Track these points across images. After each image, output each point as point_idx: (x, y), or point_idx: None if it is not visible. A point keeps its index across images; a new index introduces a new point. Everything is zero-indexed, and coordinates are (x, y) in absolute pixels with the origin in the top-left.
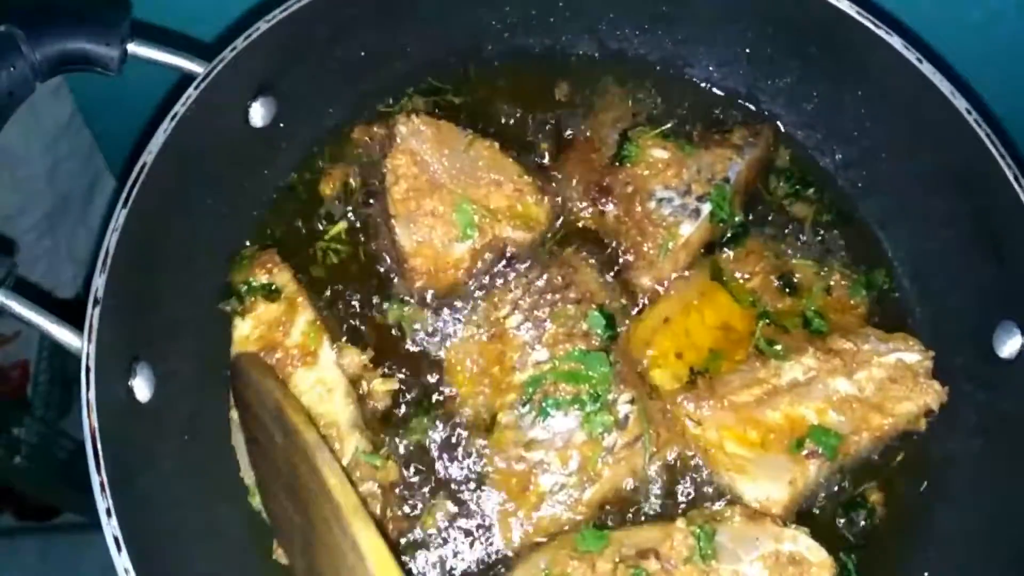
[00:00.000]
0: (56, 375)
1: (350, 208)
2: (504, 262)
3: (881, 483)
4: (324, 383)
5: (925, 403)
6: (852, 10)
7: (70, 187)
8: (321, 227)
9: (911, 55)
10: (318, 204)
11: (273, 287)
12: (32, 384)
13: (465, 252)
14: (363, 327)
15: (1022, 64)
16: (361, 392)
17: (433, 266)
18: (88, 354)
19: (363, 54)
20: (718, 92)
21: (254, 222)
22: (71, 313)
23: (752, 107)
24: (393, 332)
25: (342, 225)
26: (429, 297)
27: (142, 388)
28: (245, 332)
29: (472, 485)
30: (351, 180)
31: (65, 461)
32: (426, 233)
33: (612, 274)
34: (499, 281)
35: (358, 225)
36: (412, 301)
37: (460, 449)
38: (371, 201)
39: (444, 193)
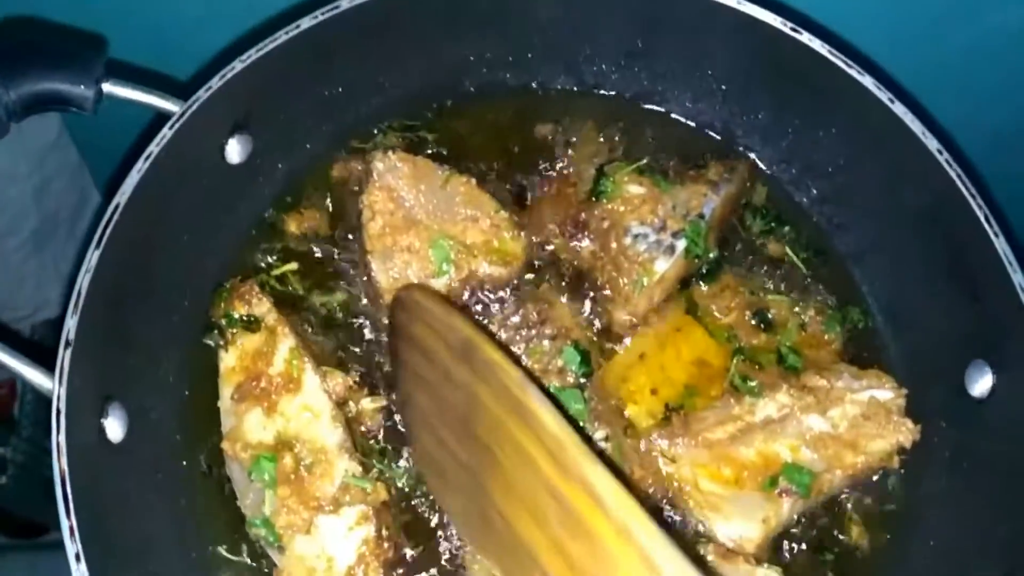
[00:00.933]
0: (43, 395)
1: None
2: (480, 299)
3: (855, 520)
4: (310, 408)
5: (898, 441)
6: (824, 50)
7: (58, 205)
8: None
9: (883, 95)
10: (295, 239)
11: (253, 318)
12: (19, 403)
13: (441, 288)
14: (352, 349)
15: (994, 103)
16: (350, 414)
17: None
18: (59, 396)
19: (340, 90)
20: (694, 127)
21: (231, 258)
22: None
23: (728, 142)
24: (377, 358)
25: (292, 265)
26: None
27: (115, 428)
28: (231, 364)
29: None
30: (319, 219)
31: (51, 480)
32: (402, 269)
33: (588, 310)
34: (475, 318)
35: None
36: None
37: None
38: (349, 236)
39: (420, 229)
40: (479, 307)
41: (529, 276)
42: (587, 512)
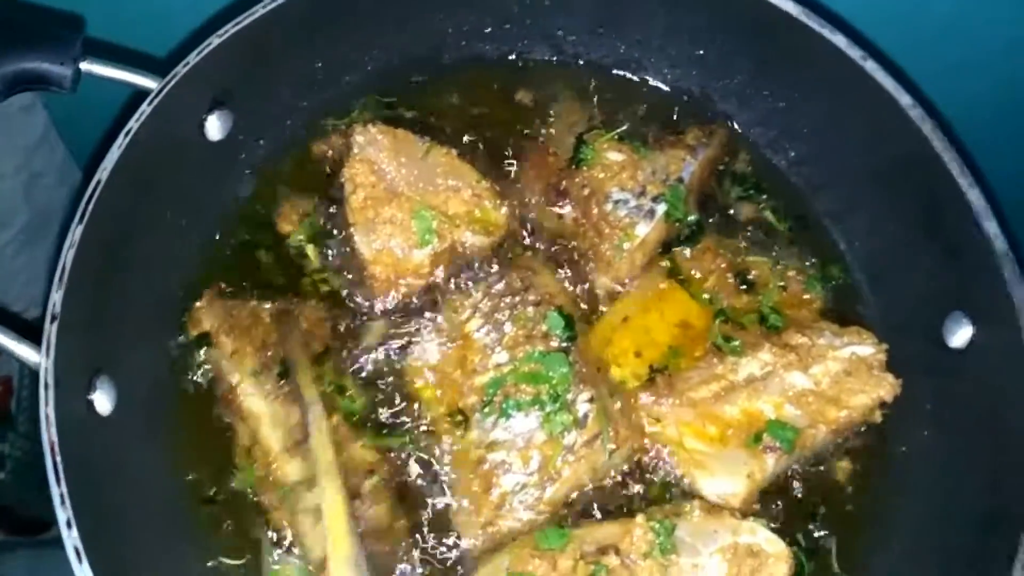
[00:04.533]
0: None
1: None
2: (464, 268)
3: (840, 474)
4: (252, 413)
5: (879, 395)
6: (796, 10)
7: (47, 201)
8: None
9: (855, 53)
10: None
11: (206, 335)
12: (15, 399)
13: (425, 258)
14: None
15: (965, 58)
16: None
17: (393, 273)
18: (47, 369)
19: (319, 65)
20: (672, 93)
21: (213, 234)
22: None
23: (706, 107)
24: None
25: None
26: (389, 305)
27: (103, 401)
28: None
29: (435, 488)
30: (311, 214)
31: None
32: (385, 240)
33: (571, 275)
34: (459, 286)
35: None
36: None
37: (423, 453)
38: (332, 209)
39: (402, 200)
40: (464, 275)
41: (512, 244)
42: None
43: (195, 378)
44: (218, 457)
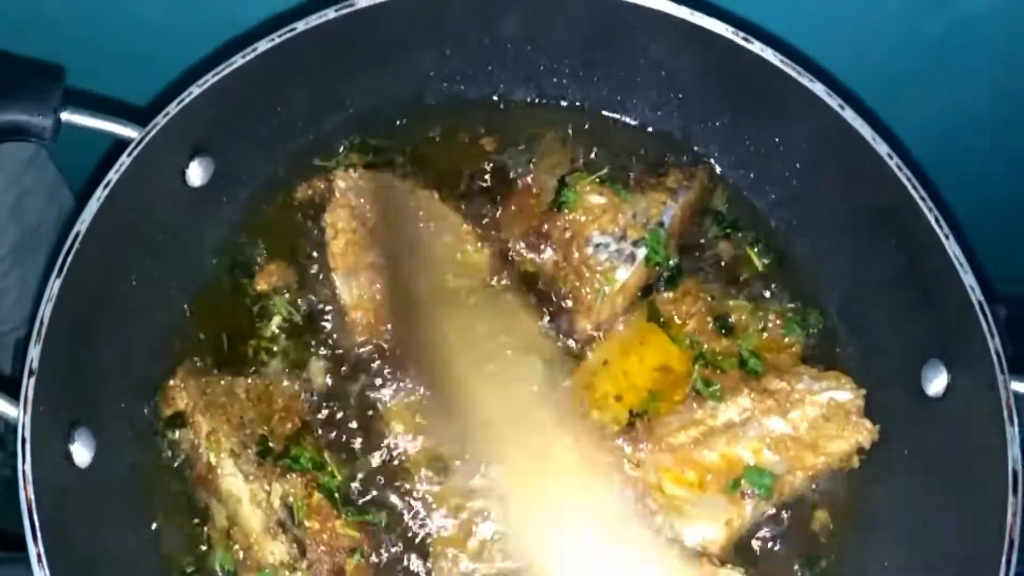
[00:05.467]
0: None
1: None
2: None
3: (819, 520)
4: (231, 494)
5: (857, 441)
6: (776, 59)
7: (37, 220)
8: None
9: (833, 101)
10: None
11: (180, 415)
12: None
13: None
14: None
15: (941, 109)
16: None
17: (373, 318)
18: (24, 425)
19: (300, 110)
20: (654, 135)
21: (195, 281)
22: None
23: (687, 150)
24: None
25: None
26: (366, 352)
27: (81, 452)
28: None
29: (414, 536)
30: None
31: None
32: (366, 286)
33: (551, 319)
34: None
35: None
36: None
37: (403, 502)
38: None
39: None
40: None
41: (493, 287)
42: None
43: (170, 455)
44: (197, 530)
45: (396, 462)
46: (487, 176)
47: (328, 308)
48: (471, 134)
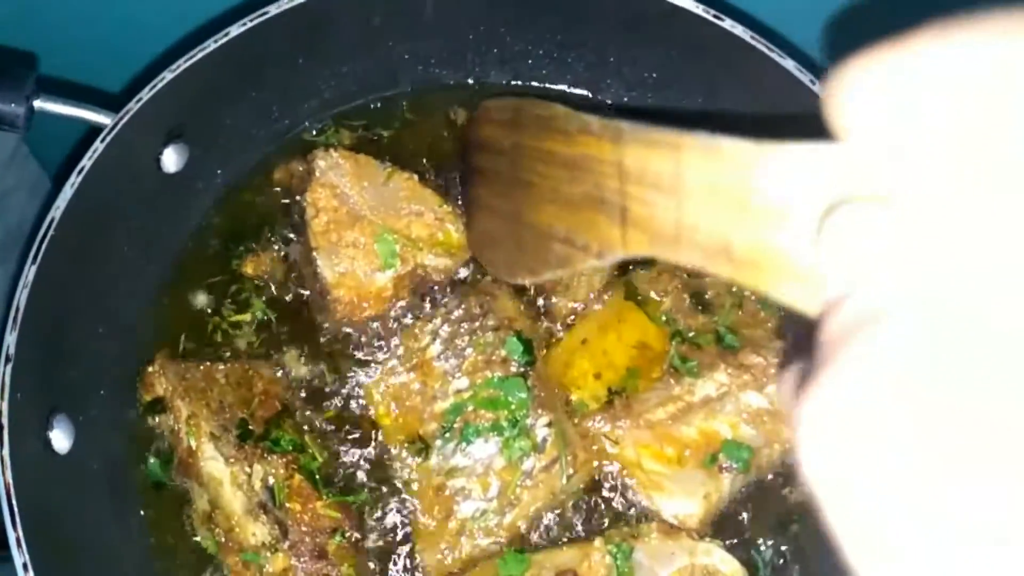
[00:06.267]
0: None
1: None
2: (422, 294)
3: (797, 492)
4: (212, 477)
5: None
6: (747, 35)
7: (20, 218)
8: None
9: (804, 77)
10: (237, 241)
11: (159, 401)
12: None
13: (388, 281)
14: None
15: None
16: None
17: (356, 296)
18: (1, 412)
19: (274, 95)
20: (629, 115)
21: (173, 266)
22: None
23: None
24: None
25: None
26: (344, 333)
27: (60, 439)
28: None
29: (395, 516)
30: (276, 260)
31: None
32: (348, 264)
33: (530, 299)
34: (417, 313)
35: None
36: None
37: (383, 482)
38: (291, 235)
39: (365, 224)
40: (424, 302)
41: (472, 268)
42: (584, 147)
43: (150, 440)
44: (178, 514)
45: (376, 443)
46: (464, 158)
47: (306, 293)
48: (448, 116)
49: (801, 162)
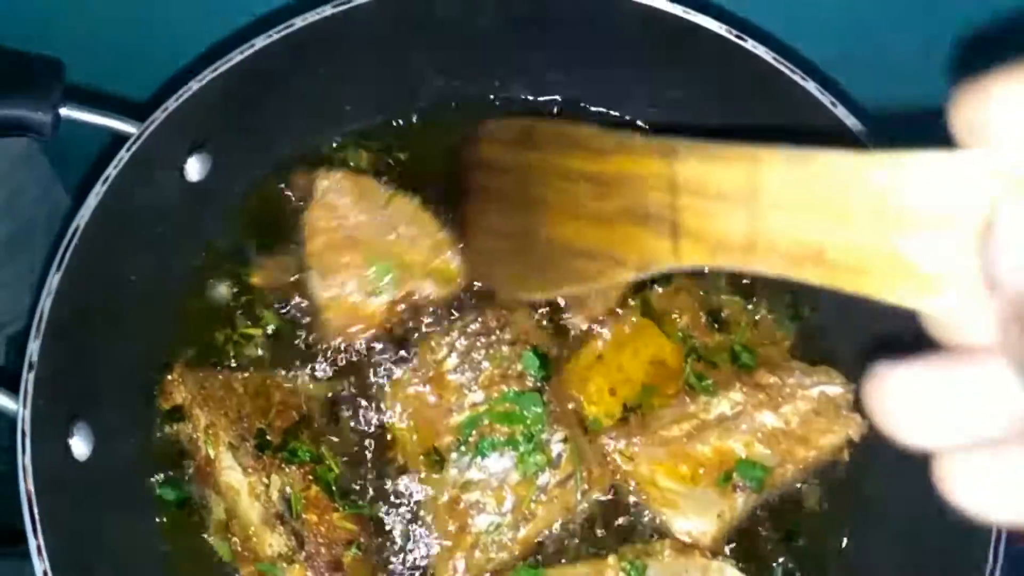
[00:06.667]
0: None
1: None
2: (439, 309)
3: (809, 511)
4: (230, 487)
5: (847, 434)
6: (769, 56)
7: (30, 216)
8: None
9: (825, 99)
10: (256, 250)
11: (178, 409)
12: None
13: (380, 306)
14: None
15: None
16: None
17: (346, 319)
18: (23, 419)
19: (298, 105)
20: (650, 132)
21: (192, 274)
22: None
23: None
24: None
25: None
26: (360, 345)
27: (80, 446)
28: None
29: (410, 528)
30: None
31: None
32: (341, 287)
33: (546, 315)
34: (434, 326)
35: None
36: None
37: (398, 494)
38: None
39: (361, 248)
40: (441, 312)
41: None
42: (620, 166)
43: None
44: (195, 522)
45: (393, 455)
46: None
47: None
48: (467, 132)
49: (935, 169)
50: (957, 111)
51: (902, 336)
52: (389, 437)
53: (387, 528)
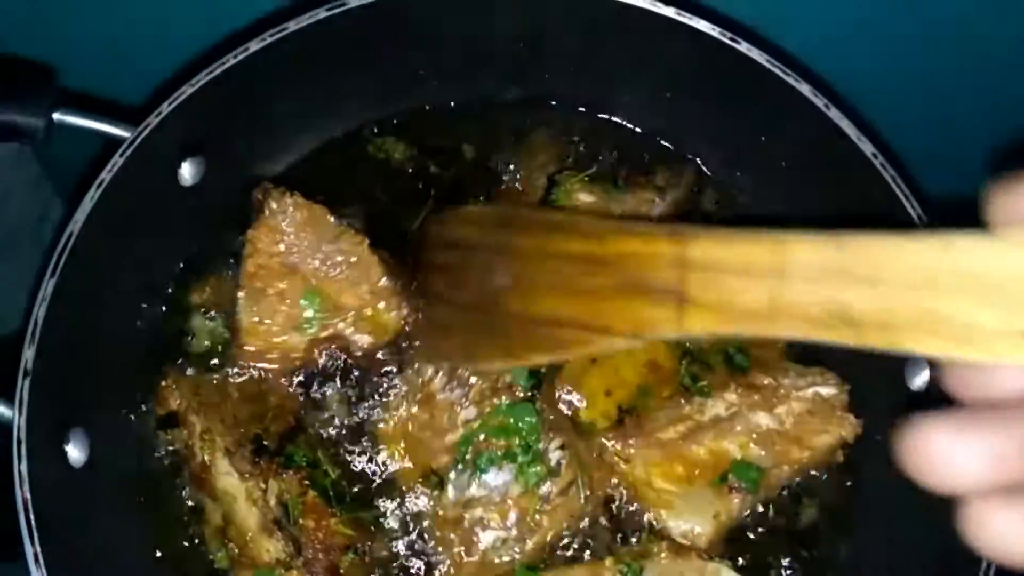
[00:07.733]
0: None
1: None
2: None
3: (805, 513)
4: (227, 492)
5: (841, 435)
6: (763, 59)
7: (20, 218)
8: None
9: (819, 101)
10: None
11: (173, 415)
12: None
13: (301, 343)
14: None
15: (925, 105)
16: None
17: (264, 348)
18: (19, 426)
19: (291, 109)
20: (644, 134)
21: (187, 279)
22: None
23: (677, 148)
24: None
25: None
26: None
27: (76, 453)
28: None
29: (416, 549)
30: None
31: None
32: (267, 314)
33: None
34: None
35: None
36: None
37: (403, 516)
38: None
39: (297, 279)
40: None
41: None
42: (619, 247)
43: (164, 454)
44: (191, 528)
45: (389, 474)
46: (475, 173)
47: None
48: (459, 131)
49: (980, 250)
50: (996, 201)
51: None
52: (384, 460)
53: (386, 534)
